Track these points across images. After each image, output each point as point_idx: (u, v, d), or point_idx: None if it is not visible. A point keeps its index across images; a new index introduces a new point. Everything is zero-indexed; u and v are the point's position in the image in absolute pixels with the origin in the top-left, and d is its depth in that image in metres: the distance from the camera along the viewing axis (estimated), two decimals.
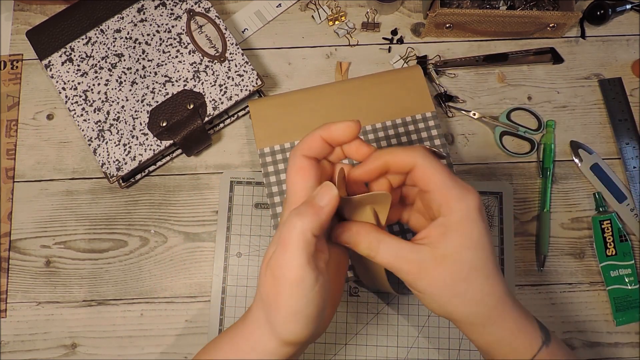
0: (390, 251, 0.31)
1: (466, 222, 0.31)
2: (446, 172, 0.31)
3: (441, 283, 0.31)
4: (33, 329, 0.52)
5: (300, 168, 0.31)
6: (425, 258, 0.31)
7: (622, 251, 0.51)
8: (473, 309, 0.32)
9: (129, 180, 0.54)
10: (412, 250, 0.31)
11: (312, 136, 0.32)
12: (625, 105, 0.56)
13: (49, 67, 0.53)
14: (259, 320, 0.32)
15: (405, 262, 0.31)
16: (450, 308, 0.32)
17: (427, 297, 0.32)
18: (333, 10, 0.59)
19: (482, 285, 0.32)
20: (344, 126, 0.31)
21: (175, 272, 0.53)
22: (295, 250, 0.29)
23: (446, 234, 0.31)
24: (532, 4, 0.58)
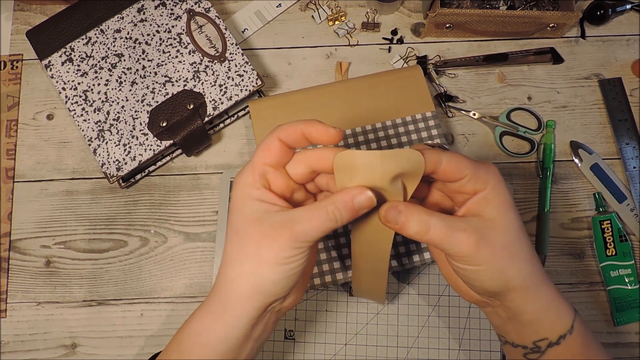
0: (443, 224, 0.31)
1: (499, 187, 0.33)
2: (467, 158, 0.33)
3: (500, 246, 0.32)
4: (33, 329, 0.52)
5: (267, 146, 0.33)
6: (479, 225, 0.32)
7: (622, 251, 0.51)
8: (529, 268, 0.33)
9: (129, 180, 0.54)
10: (464, 221, 0.32)
11: (294, 125, 0.33)
12: (625, 105, 0.56)
13: (49, 67, 0.53)
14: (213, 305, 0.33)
15: (461, 232, 0.31)
16: (511, 272, 0.33)
17: (487, 267, 0.32)
18: (333, 10, 0.59)
19: (529, 244, 0.34)
20: (326, 130, 0.32)
21: (175, 272, 0.53)
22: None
23: (488, 202, 0.33)
24: (532, 4, 0.58)
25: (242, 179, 0.33)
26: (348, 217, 0.31)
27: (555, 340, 0.34)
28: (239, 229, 0.32)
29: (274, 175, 0.33)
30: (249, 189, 0.32)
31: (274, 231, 0.31)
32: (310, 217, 0.31)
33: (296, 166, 0.34)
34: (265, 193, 0.32)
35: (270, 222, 0.31)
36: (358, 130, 0.52)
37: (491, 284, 0.33)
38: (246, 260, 0.31)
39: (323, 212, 0.31)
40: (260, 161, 0.33)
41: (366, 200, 0.31)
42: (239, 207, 0.32)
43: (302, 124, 0.33)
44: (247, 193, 0.32)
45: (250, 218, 0.31)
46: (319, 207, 0.31)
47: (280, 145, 0.33)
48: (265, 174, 0.33)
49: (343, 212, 0.31)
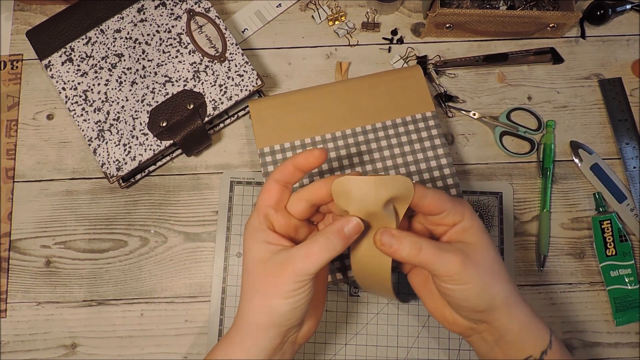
0: (433, 247, 0.35)
1: (473, 217, 0.38)
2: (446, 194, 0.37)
3: (483, 265, 0.36)
4: (33, 329, 0.52)
5: (267, 190, 0.37)
6: (462, 248, 0.36)
7: (622, 251, 0.51)
8: (509, 286, 0.37)
9: (129, 180, 0.54)
10: (452, 246, 0.36)
11: (285, 163, 0.37)
12: (625, 105, 0.56)
13: (49, 67, 0.53)
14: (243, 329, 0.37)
15: (449, 252, 0.35)
16: (495, 289, 0.36)
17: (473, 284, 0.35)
18: (333, 10, 0.59)
19: (504, 265, 0.38)
20: (310, 153, 0.36)
21: (175, 272, 0.53)
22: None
23: (467, 230, 0.37)
24: (532, 4, 0.58)
25: (250, 223, 0.37)
26: (341, 245, 0.34)
27: (538, 357, 0.37)
28: (249, 268, 0.36)
29: (276, 216, 0.37)
30: (255, 231, 0.37)
31: (277, 269, 0.34)
32: (307, 252, 0.34)
33: (296, 204, 0.38)
34: (269, 235, 0.36)
35: (274, 261, 0.35)
36: (358, 130, 0.52)
37: (478, 301, 0.36)
38: (257, 295, 0.35)
39: (318, 246, 0.34)
40: (263, 204, 0.37)
41: (355, 227, 0.35)
42: (248, 249, 0.37)
43: (290, 159, 0.37)
44: (253, 236, 0.37)
45: (257, 259, 0.36)
46: (314, 241, 0.34)
47: (277, 187, 0.37)
48: (268, 216, 0.37)
49: (336, 242, 0.34)
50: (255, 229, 0.37)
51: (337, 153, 0.51)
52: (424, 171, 0.50)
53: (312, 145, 0.52)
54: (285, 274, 0.34)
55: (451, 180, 0.50)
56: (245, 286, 0.37)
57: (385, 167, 0.51)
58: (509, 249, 0.52)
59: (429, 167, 0.51)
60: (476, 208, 0.54)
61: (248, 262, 0.36)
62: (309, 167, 0.37)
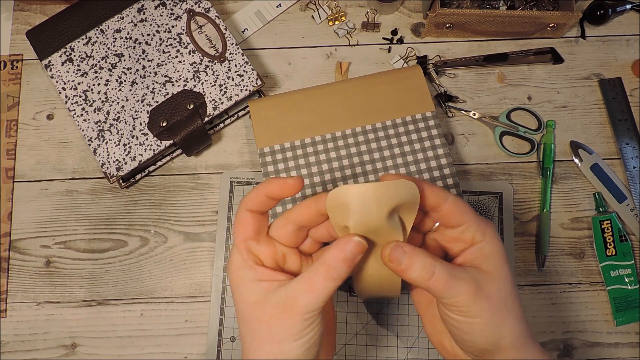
0: (446, 272, 0.31)
1: (496, 241, 0.33)
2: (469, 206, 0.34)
3: (496, 299, 0.32)
4: (33, 329, 0.52)
5: (241, 222, 0.33)
6: (477, 276, 0.32)
7: (622, 251, 0.51)
8: (520, 326, 0.33)
9: (129, 180, 0.54)
10: (465, 270, 0.32)
11: (256, 191, 0.33)
12: (625, 105, 0.56)
13: (49, 67, 0.53)
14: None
15: (462, 281, 0.31)
16: (504, 329, 0.32)
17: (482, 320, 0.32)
18: (333, 10, 0.59)
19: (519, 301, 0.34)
20: (284, 183, 0.32)
21: (175, 272, 0.53)
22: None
23: (486, 255, 0.33)
24: (532, 4, 0.58)
25: (233, 264, 0.33)
26: (346, 270, 0.30)
27: None
28: (245, 315, 0.32)
29: (259, 247, 0.33)
30: (242, 271, 0.32)
31: (279, 310, 0.30)
32: (308, 286, 0.30)
33: (281, 228, 0.34)
34: (259, 271, 0.32)
35: (273, 302, 0.30)
36: (358, 130, 0.52)
37: (484, 340, 0.32)
38: (263, 343, 0.31)
39: (320, 277, 0.30)
40: (241, 238, 0.33)
41: (357, 247, 0.30)
42: (238, 293, 0.32)
43: (262, 186, 0.33)
44: (241, 276, 0.32)
45: (251, 302, 0.31)
46: (314, 271, 0.30)
47: (252, 216, 0.33)
48: (251, 249, 0.33)
49: (340, 268, 0.30)
50: (240, 268, 0.32)
51: (337, 153, 0.51)
52: (424, 171, 0.50)
53: (312, 145, 0.52)
54: (290, 314, 0.30)
55: (451, 180, 0.50)
56: (245, 336, 0.32)
57: (385, 167, 0.51)
58: (509, 249, 0.52)
59: (429, 167, 0.51)
60: (476, 208, 0.54)
61: (242, 307, 0.32)
62: (282, 196, 0.33)
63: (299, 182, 0.32)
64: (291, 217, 0.33)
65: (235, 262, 0.33)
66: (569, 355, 0.50)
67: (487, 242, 0.33)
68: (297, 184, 0.32)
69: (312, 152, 0.51)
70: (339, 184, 0.50)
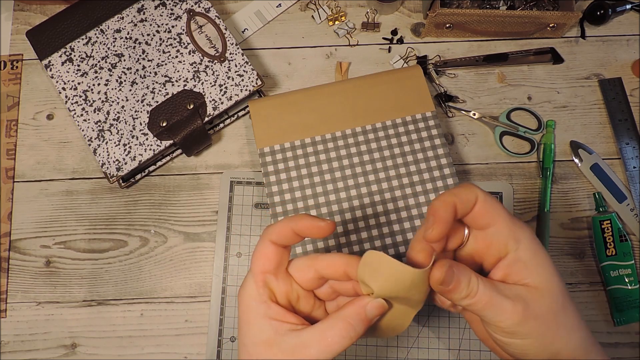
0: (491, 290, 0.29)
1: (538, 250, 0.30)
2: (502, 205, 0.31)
3: (547, 317, 0.29)
4: (33, 329, 0.52)
5: (263, 254, 0.32)
6: (524, 293, 0.29)
7: (622, 251, 0.51)
8: (578, 338, 0.30)
9: (129, 180, 0.54)
10: (508, 288, 0.30)
11: (283, 224, 0.32)
12: (625, 105, 0.56)
13: (49, 67, 0.53)
14: None
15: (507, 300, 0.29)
16: (559, 344, 0.30)
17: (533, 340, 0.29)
18: (333, 10, 0.59)
19: (575, 310, 0.31)
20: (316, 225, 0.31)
21: (175, 272, 0.53)
22: None
23: (527, 266, 0.30)
24: (532, 4, 0.58)
25: (247, 293, 0.31)
26: (363, 329, 0.30)
27: None
28: (250, 350, 0.30)
29: (277, 283, 0.32)
30: (254, 304, 0.31)
31: (286, 356, 0.29)
32: (322, 340, 0.29)
33: (304, 272, 0.32)
34: (273, 308, 0.31)
35: (283, 346, 0.29)
36: (358, 130, 0.52)
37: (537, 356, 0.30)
38: None
39: (336, 332, 0.29)
40: (260, 270, 0.31)
41: (379, 309, 0.30)
42: (247, 326, 0.31)
43: (291, 221, 0.31)
44: (253, 309, 0.31)
45: (260, 339, 0.30)
46: (332, 327, 0.29)
47: (275, 249, 0.31)
48: (268, 283, 0.31)
49: (357, 327, 0.29)
50: (253, 299, 0.31)
51: (337, 153, 0.51)
52: (424, 171, 0.50)
53: (312, 145, 0.52)
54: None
55: (451, 180, 0.50)
56: None
57: (385, 167, 0.51)
58: None
59: (429, 167, 0.51)
60: None
61: (248, 341, 0.31)
62: (310, 237, 0.31)
63: (331, 227, 0.31)
64: (316, 266, 0.32)
65: (249, 292, 0.31)
66: None
67: (524, 250, 0.30)
68: (330, 228, 0.31)
69: (312, 152, 0.51)
70: (339, 184, 0.50)
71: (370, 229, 0.49)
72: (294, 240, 0.32)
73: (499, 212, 0.30)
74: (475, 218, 0.31)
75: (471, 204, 0.30)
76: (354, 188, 0.50)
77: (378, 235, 0.49)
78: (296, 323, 0.31)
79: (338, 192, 0.50)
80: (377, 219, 0.49)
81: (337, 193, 0.50)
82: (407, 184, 0.50)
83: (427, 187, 0.50)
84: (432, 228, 0.30)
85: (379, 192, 0.50)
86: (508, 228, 0.30)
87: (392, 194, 0.50)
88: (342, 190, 0.50)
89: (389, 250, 0.48)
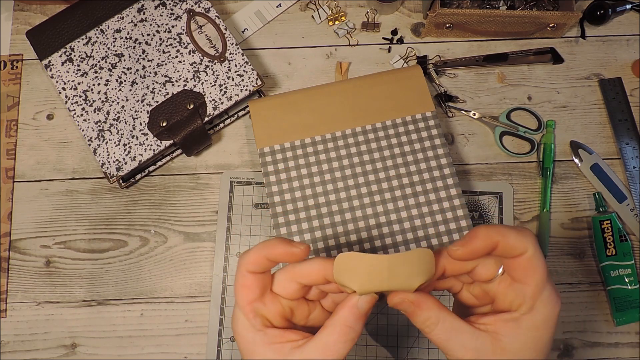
0: (447, 332, 0.30)
1: (543, 326, 0.30)
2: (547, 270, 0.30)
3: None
4: (33, 329, 0.52)
5: (243, 285, 0.32)
6: (484, 348, 0.29)
7: (622, 251, 0.51)
8: None
9: (129, 180, 0.54)
10: (472, 336, 0.30)
11: (256, 253, 0.31)
12: (625, 105, 0.56)
13: (49, 67, 0.53)
14: None
15: (460, 346, 0.29)
16: None
17: None
18: (333, 10, 0.59)
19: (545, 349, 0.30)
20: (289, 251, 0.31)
21: (175, 272, 0.53)
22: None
23: (517, 330, 0.30)
24: (532, 4, 0.58)
25: (240, 327, 0.32)
26: (361, 326, 0.30)
27: None
28: None
29: (266, 308, 0.32)
30: (251, 335, 0.31)
31: None
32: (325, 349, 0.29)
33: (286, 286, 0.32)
34: (270, 333, 0.31)
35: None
36: (358, 130, 0.52)
37: None
38: None
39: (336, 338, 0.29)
40: (245, 302, 0.31)
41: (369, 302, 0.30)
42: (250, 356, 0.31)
43: (264, 248, 0.31)
44: (250, 340, 0.31)
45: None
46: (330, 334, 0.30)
47: (254, 277, 0.31)
48: (258, 311, 0.31)
49: (355, 326, 0.30)
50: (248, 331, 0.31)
51: (337, 153, 0.51)
52: (424, 171, 0.50)
53: (312, 145, 0.52)
54: None
55: (451, 180, 0.50)
56: None
57: (385, 167, 0.51)
58: None
59: (429, 167, 0.51)
60: (476, 208, 0.54)
61: None
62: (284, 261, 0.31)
63: (306, 252, 0.31)
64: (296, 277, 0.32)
65: (242, 325, 0.31)
66: (569, 355, 0.50)
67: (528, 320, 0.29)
68: (304, 254, 0.31)
69: (312, 152, 0.51)
70: (339, 184, 0.50)
71: (370, 229, 0.49)
72: (270, 266, 0.32)
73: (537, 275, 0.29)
74: (512, 268, 0.30)
75: (515, 253, 0.29)
76: (354, 188, 0.50)
77: (378, 235, 0.49)
78: (297, 339, 0.31)
79: (338, 192, 0.50)
80: (377, 218, 0.49)
81: (337, 193, 0.50)
82: (407, 184, 0.50)
83: (427, 187, 0.50)
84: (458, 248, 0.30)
85: (379, 192, 0.50)
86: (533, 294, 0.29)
87: (392, 194, 0.50)
88: (342, 190, 0.50)
89: (389, 250, 0.48)
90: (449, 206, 0.49)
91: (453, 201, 0.49)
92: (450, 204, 0.49)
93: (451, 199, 0.49)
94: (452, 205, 0.49)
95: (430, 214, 0.49)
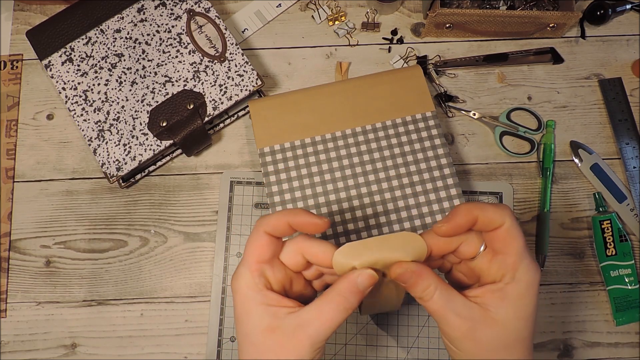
0: (444, 300, 0.31)
1: (527, 294, 0.31)
2: (524, 240, 0.32)
3: (485, 346, 0.31)
4: (33, 329, 0.52)
5: (257, 244, 0.33)
6: (476, 317, 0.31)
7: (622, 251, 0.51)
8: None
9: (129, 180, 0.54)
10: (465, 306, 0.31)
11: (279, 217, 0.33)
12: (625, 105, 0.56)
13: (49, 67, 0.53)
14: None
15: (455, 315, 0.31)
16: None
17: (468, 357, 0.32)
18: (333, 10, 0.59)
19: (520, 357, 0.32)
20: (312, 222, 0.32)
21: (175, 272, 0.53)
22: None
23: (504, 300, 0.31)
24: (532, 4, 0.58)
25: (243, 283, 0.32)
26: (357, 301, 0.31)
27: None
28: (253, 339, 0.32)
29: (272, 272, 0.33)
30: (252, 293, 0.32)
31: (289, 338, 0.30)
32: (320, 316, 0.31)
33: (293, 257, 0.33)
34: (269, 295, 0.32)
35: (284, 329, 0.31)
36: (358, 130, 0.52)
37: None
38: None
39: (332, 306, 0.31)
40: (255, 260, 0.32)
41: (369, 279, 0.31)
42: (246, 315, 0.32)
43: (288, 215, 0.32)
44: (250, 298, 0.32)
45: (261, 327, 0.31)
46: (327, 302, 0.31)
47: (269, 239, 0.32)
48: (264, 272, 0.32)
49: (351, 299, 0.31)
50: (250, 289, 0.32)
51: (337, 153, 0.51)
52: (424, 171, 0.50)
53: (312, 145, 0.52)
54: (301, 343, 0.30)
55: (451, 180, 0.50)
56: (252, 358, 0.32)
57: (386, 167, 0.51)
58: None
59: (429, 167, 0.51)
60: None
61: (251, 331, 0.32)
62: (305, 231, 0.33)
63: (327, 224, 0.32)
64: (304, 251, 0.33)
65: (245, 282, 0.32)
66: (569, 355, 0.51)
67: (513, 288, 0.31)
68: (325, 226, 0.32)
69: (312, 152, 0.51)
70: (339, 184, 0.50)
71: (371, 229, 0.49)
72: (289, 233, 0.33)
73: (516, 244, 0.31)
74: (492, 240, 0.32)
75: (495, 225, 0.31)
76: (354, 188, 0.50)
77: (378, 235, 0.48)
78: (292, 306, 0.32)
79: (338, 192, 0.50)
80: (377, 219, 0.49)
81: (337, 193, 0.50)
82: (407, 184, 0.50)
83: (427, 187, 0.50)
84: (443, 225, 0.32)
85: (379, 192, 0.50)
86: (514, 263, 0.31)
87: (392, 194, 0.50)
88: (342, 190, 0.50)
89: None
90: (449, 206, 0.49)
91: (453, 201, 0.49)
92: (450, 204, 0.49)
93: (451, 199, 0.49)
94: (452, 205, 0.49)
95: (431, 214, 0.49)
